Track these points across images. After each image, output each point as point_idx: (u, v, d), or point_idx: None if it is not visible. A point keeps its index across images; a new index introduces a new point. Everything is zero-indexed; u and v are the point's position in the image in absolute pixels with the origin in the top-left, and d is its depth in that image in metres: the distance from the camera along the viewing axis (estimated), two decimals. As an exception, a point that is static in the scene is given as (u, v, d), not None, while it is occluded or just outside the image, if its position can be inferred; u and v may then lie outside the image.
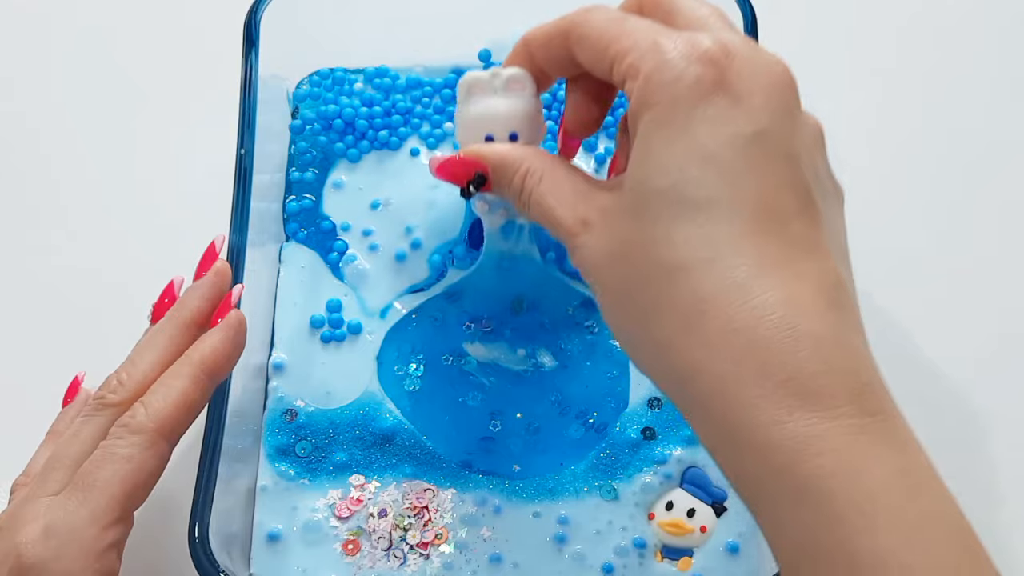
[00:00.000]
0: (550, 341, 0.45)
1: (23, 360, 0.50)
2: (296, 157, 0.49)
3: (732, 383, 0.28)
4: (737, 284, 0.28)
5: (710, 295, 0.28)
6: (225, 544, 0.39)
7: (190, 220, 0.49)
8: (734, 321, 0.28)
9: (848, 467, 0.26)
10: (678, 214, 0.29)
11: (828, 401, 0.27)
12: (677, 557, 0.42)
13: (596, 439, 0.44)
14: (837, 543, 0.26)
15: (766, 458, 0.27)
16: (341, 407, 0.44)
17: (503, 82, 0.36)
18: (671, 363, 0.29)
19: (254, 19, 0.45)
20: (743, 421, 0.27)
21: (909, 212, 0.53)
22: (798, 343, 0.27)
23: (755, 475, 0.28)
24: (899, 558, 0.26)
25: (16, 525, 0.34)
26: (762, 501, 0.28)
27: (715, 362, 0.28)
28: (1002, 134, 0.54)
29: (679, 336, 0.29)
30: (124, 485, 0.34)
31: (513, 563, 0.42)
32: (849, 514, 0.26)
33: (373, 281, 0.47)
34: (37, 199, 0.54)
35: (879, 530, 0.26)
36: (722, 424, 0.28)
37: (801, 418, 0.27)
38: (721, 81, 0.29)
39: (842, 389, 0.27)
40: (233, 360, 0.38)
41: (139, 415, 0.35)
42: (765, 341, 0.27)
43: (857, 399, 0.27)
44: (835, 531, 0.26)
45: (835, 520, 0.26)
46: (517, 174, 0.34)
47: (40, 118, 0.56)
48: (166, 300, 0.40)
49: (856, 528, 0.26)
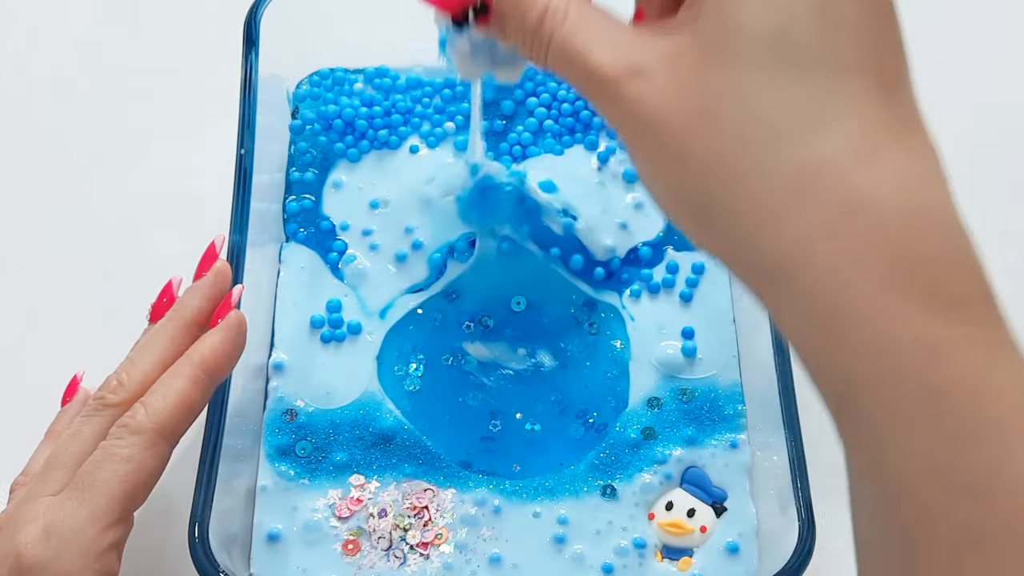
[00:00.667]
0: (550, 341, 0.45)
1: (22, 359, 0.50)
2: (296, 157, 0.49)
3: (852, 268, 0.24)
4: (860, 151, 0.24)
5: (827, 161, 0.24)
6: (225, 544, 0.39)
7: (190, 220, 0.49)
8: (856, 193, 0.24)
9: (986, 382, 0.23)
10: (785, 67, 0.24)
11: (964, 302, 0.24)
12: (677, 557, 0.42)
13: (596, 439, 0.44)
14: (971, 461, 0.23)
15: (889, 360, 0.24)
16: (341, 407, 0.44)
17: None
18: (767, 243, 0.25)
19: (254, 19, 0.45)
20: (863, 315, 0.24)
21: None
22: (932, 228, 0.24)
23: (862, 377, 0.24)
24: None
25: (16, 525, 0.34)
26: (866, 406, 0.24)
27: (831, 241, 0.24)
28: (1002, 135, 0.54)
29: (783, 213, 0.24)
30: (124, 485, 0.34)
31: (513, 563, 0.42)
32: (987, 432, 0.23)
33: (373, 281, 0.47)
34: (37, 199, 0.54)
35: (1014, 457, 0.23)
36: (831, 317, 0.24)
37: (935, 318, 0.23)
38: None
39: (976, 290, 0.24)
40: (233, 360, 0.38)
41: (139, 415, 0.35)
42: (893, 221, 0.24)
43: (987, 304, 0.24)
44: (969, 448, 0.23)
45: (970, 436, 0.23)
46: (534, 8, 0.28)
47: (40, 118, 0.56)
48: (164, 300, 0.40)
49: (993, 448, 0.23)
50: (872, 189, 0.24)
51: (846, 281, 0.24)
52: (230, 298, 0.39)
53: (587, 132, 0.50)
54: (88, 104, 0.56)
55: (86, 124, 0.56)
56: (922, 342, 0.23)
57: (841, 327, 0.24)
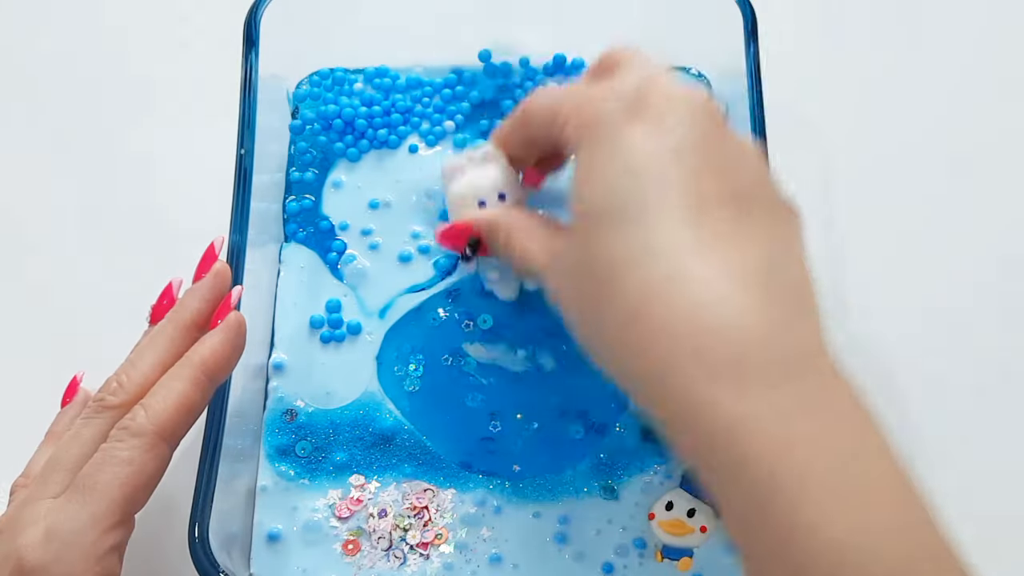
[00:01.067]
0: (550, 342, 0.45)
1: (22, 360, 0.50)
2: (296, 157, 0.49)
3: (671, 369, 0.29)
4: (670, 275, 0.30)
5: (643, 288, 0.30)
6: (225, 544, 0.39)
7: (190, 220, 0.49)
8: (667, 308, 0.30)
9: (780, 443, 0.28)
10: (614, 224, 0.31)
11: (760, 380, 0.28)
12: (677, 557, 0.42)
13: (596, 439, 0.44)
14: (772, 518, 0.28)
15: (706, 440, 0.29)
16: (341, 407, 0.44)
17: (480, 156, 0.41)
18: (620, 358, 0.32)
19: (254, 19, 0.45)
20: (683, 405, 0.29)
21: (905, 212, 0.53)
22: (729, 325, 0.29)
23: (699, 456, 0.30)
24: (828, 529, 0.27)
25: (17, 528, 0.34)
26: (709, 479, 0.30)
27: (655, 350, 0.30)
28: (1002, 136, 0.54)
29: (624, 330, 0.31)
30: (125, 488, 0.34)
31: (513, 563, 0.42)
32: (780, 491, 0.27)
33: (372, 281, 0.47)
34: (36, 199, 0.54)
35: (804, 504, 0.27)
36: (667, 409, 0.30)
37: (735, 398, 0.28)
38: (641, 109, 0.32)
39: (774, 367, 0.29)
40: (233, 362, 0.38)
41: (139, 417, 0.35)
42: (698, 326, 0.29)
43: (791, 375, 0.29)
44: (769, 507, 0.28)
45: (768, 496, 0.28)
46: (503, 233, 0.39)
47: (40, 118, 0.56)
48: (164, 301, 0.40)
49: (786, 503, 0.27)
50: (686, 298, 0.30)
51: (670, 380, 0.29)
52: (229, 299, 0.39)
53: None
54: (88, 104, 0.56)
55: (85, 124, 0.56)
56: (728, 419, 0.28)
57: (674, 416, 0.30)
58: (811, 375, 0.29)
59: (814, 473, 0.28)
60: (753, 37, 0.45)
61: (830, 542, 0.27)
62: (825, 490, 0.27)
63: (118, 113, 0.56)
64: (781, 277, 0.31)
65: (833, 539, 0.27)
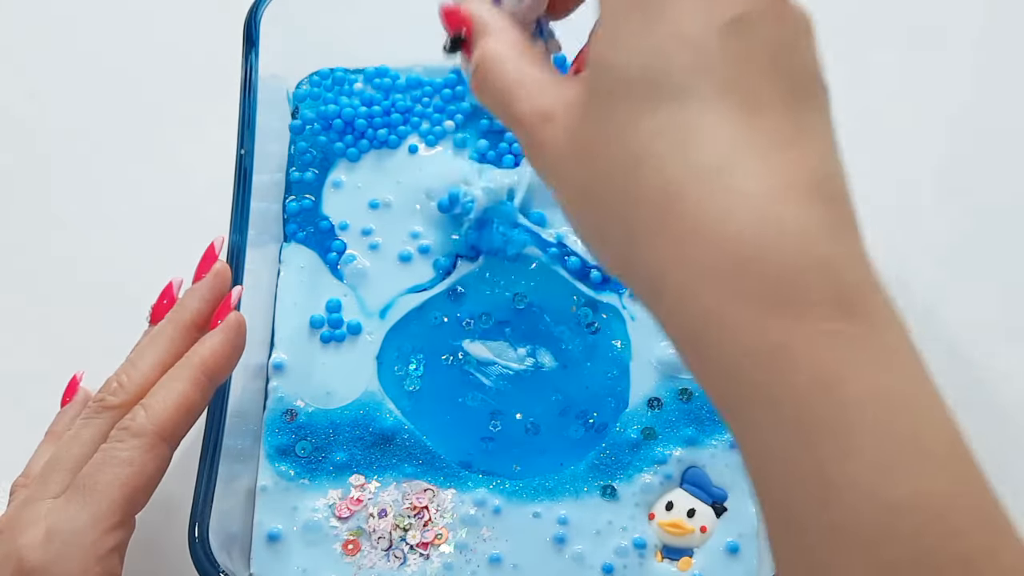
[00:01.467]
0: (550, 341, 0.45)
1: (22, 360, 0.50)
2: (296, 157, 0.49)
3: (703, 281, 0.25)
4: (712, 169, 0.25)
5: (681, 181, 0.25)
6: (225, 544, 0.39)
7: (190, 220, 0.49)
8: (707, 211, 0.25)
9: (824, 381, 0.24)
10: (648, 101, 0.26)
11: (806, 304, 0.24)
12: (677, 557, 0.42)
13: (596, 439, 0.44)
14: (809, 466, 0.24)
15: (736, 368, 0.25)
16: (341, 407, 0.44)
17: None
18: (639, 261, 0.27)
19: (254, 19, 0.45)
20: (713, 325, 0.25)
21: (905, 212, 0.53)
22: (777, 236, 0.25)
23: (725, 386, 0.26)
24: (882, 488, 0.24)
25: (17, 528, 0.34)
26: (734, 414, 0.26)
27: (686, 256, 0.25)
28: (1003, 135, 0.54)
29: (648, 230, 0.26)
30: (125, 488, 0.34)
31: (513, 563, 0.42)
32: (822, 435, 0.24)
33: (372, 281, 0.47)
34: (37, 199, 0.54)
35: (852, 455, 0.24)
36: (691, 328, 0.26)
37: (776, 323, 0.24)
38: None
39: (823, 291, 0.25)
40: (233, 362, 0.38)
41: (139, 418, 0.35)
42: (741, 233, 0.25)
43: (840, 302, 0.25)
44: (807, 453, 0.24)
45: (807, 440, 0.24)
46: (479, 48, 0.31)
47: (40, 118, 0.56)
48: (165, 301, 0.40)
49: (829, 451, 0.24)
50: (725, 203, 0.25)
51: (701, 294, 0.25)
52: (229, 299, 0.39)
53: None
54: (88, 104, 0.56)
55: (86, 124, 0.56)
56: (766, 347, 0.24)
57: (698, 338, 0.26)
58: (869, 307, 0.25)
59: (867, 420, 0.24)
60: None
61: (883, 504, 0.23)
62: (880, 442, 0.24)
63: (118, 113, 0.56)
64: (840, 194, 0.26)
65: (888, 502, 0.23)
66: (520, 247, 0.47)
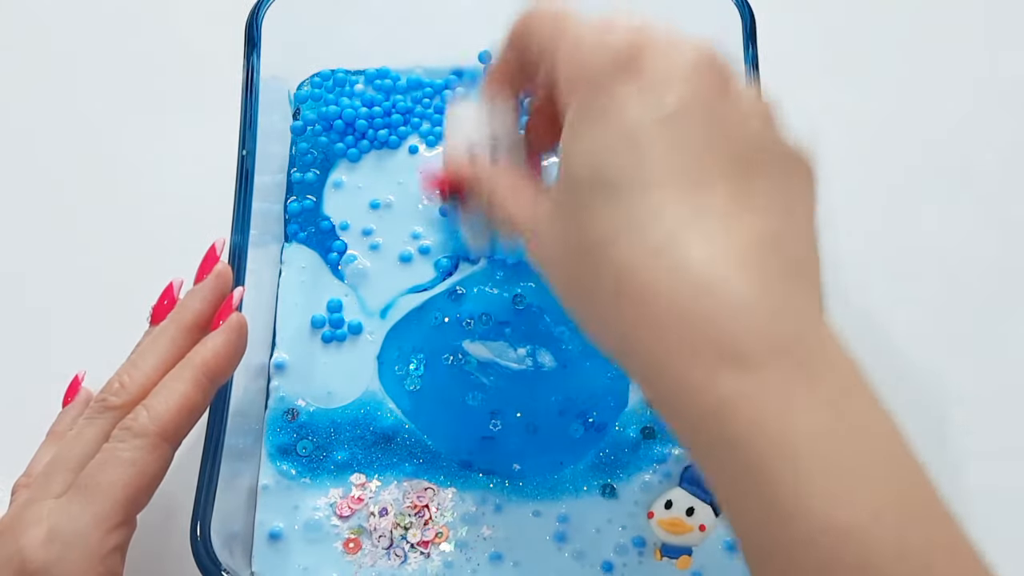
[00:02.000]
0: (550, 341, 0.46)
1: (24, 360, 0.50)
2: (297, 158, 0.49)
3: (658, 350, 0.28)
4: (658, 247, 0.28)
5: (629, 263, 0.28)
6: (227, 543, 0.39)
7: (192, 221, 0.49)
8: (653, 285, 0.28)
9: (774, 420, 0.26)
10: (601, 196, 0.29)
11: (751, 359, 0.27)
12: (676, 555, 0.42)
13: (596, 438, 0.44)
14: (767, 499, 0.26)
15: (698, 423, 0.27)
16: (342, 406, 0.45)
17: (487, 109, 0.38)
18: (608, 337, 0.30)
19: (255, 21, 0.45)
20: (673, 388, 0.28)
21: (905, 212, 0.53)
22: (717, 302, 0.27)
23: (691, 436, 0.28)
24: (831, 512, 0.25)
25: (19, 528, 0.34)
26: (701, 460, 0.28)
27: (641, 330, 0.28)
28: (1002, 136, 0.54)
29: (610, 309, 0.29)
30: (127, 489, 0.34)
31: (513, 562, 0.42)
32: (773, 472, 0.26)
33: (373, 281, 0.47)
34: (39, 199, 0.54)
35: (809, 483, 0.26)
36: (657, 392, 0.28)
37: (726, 379, 0.27)
38: (634, 67, 0.29)
39: (766, 344, 0.27)
40: (234, 363, 0.38)
41: (141, 418, 0.35)
42: (684, 302, 0.27)
43: (784, 353, 0.27)
44: (764, 488, 0.26)
45: (761, 478, 0.26)
46: (485, 192, 0.36)
47: (41, 119, 0.56)
48: (165, 301, 0.40)
49: (782, 486, 0.26)
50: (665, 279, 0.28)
51: (658, 361, 0.28)
52: (231, 300, 0.39)
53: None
54: (89, 104, 0.56)
55: (86, 124, 0.56)
56: (719, 401, 0.27)
57: (664, 400, 0.29)
58: (808, 352, 0.27)
59: (814, 452, 0.26)
60: (752, 39, 0.45)
61: (834, 526, 0.25)
62: (826, 470, 0.26)
63: (119, 113, 0.56)
64: (783, 251, 0.28)
65: (837, 523, 0.25)
66: (521, 254, 0.47)
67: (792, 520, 0.26)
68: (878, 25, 0.58)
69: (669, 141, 0.29)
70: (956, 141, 0.54)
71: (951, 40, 0.57)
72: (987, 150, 0.54)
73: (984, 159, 0.54)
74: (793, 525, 0.26)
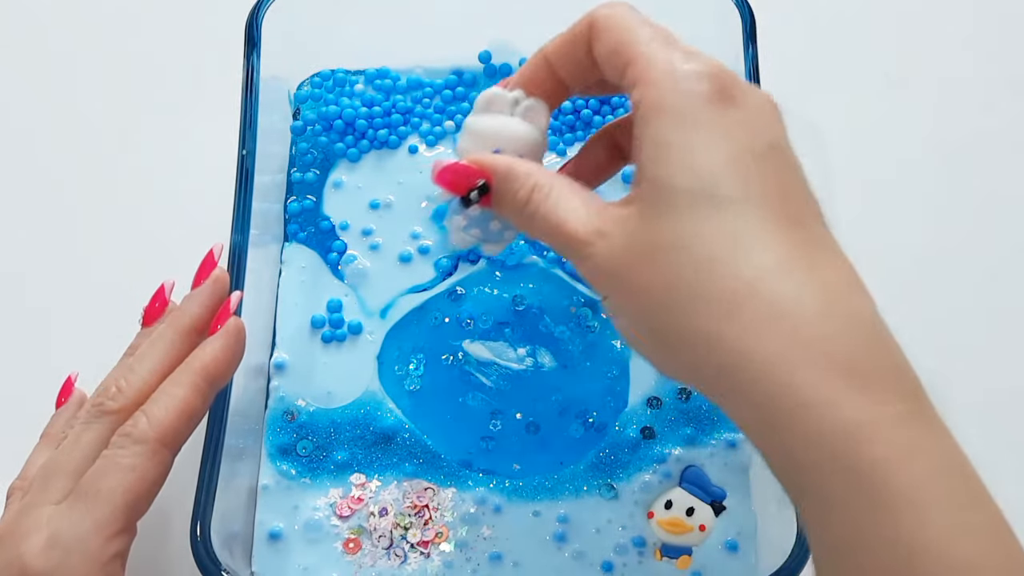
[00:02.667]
0: (550, 341, 0.46)
1: (18, 361, 0.50)
2: (297, 158, 0.49)
3: (781, 366, 0.28)
4: (774, 270, 0.29)
5: (750, 281, 0.29)
6: (227, 543, 0.39)
7: (192, 221, 0.49)
8: (777, 304, 0.28)
9: (900, 456, 0.27)
10: (707, 210, 0.29)
11: (877, 386, 0.27)
12: (676, 555, 0.42)
13: (596, 438, 0.44)
14: (890, 533, 0.26)
15: (818, 443, 0.27)
16: (342, 406, 0.45)
17: (523, 109, 0.36)
18: (712, 353, 0.29)
19: (255, 21, 0.45)
20: (793, 405, 0.28)
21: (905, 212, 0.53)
22: (843, 326, 0.28)
23: (804, 460, 0.28)
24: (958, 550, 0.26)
25: (19, 534, 0.34)
26: (811, 487, 0.28)
27: (762, 345, 0.28)
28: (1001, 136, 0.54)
29: (722, 324, 0.29)
30: (128, 495, 0.34)
31: (513, 561, 0.42)
32: (901, 504, 0.26)
33: (373, 281, 0.47)
34: (37, 200, 0.54)
35: (930, 522, 0.26)
36: (769, 409, 0.28)
37: (853, 402, 0.27)
38: (730, 96, 0.31)
39: (888, 374, 0.28)
40: (233, 367, 0.38)
41: (141, 424, 0.35)
42: (810, 324, 0.28)
43: (900, 384, 0.28)
44: (889, 521, 0.26)
45: (889, 509, 0.26)
46: (524, 187, 0.33)
47: (41, 119, 0.56)
48: (156, 304, 0.40)
49: (909, 519, 0.26)
50: (793, 296, 0.28)
51: (779, 377, 0.28)
52: (229, 305, 0.39)
53: (587, 130, 0.50)
54: (89, 104, 0.56)
55: (87, 124, 0.56)
56: (846, 424, 0.27)
57: (777, 417, 0.28)
58: (919, 390, 0.28)
59: (936, 489, 0.27)
60: (752, 39, 0.45)
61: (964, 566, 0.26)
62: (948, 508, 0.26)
63: (120, 114, 0.56)
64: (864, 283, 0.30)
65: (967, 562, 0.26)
66: (520, 257, 0.47)
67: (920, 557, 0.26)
68: (878, 25, 0.58)
69: (772, 172, 0.30)
70: (956, 141, 0.54)
71: (951, 40, 0.57)
72: (987, 150, 0.54)
73: (984, 159, 0.54)
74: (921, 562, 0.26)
